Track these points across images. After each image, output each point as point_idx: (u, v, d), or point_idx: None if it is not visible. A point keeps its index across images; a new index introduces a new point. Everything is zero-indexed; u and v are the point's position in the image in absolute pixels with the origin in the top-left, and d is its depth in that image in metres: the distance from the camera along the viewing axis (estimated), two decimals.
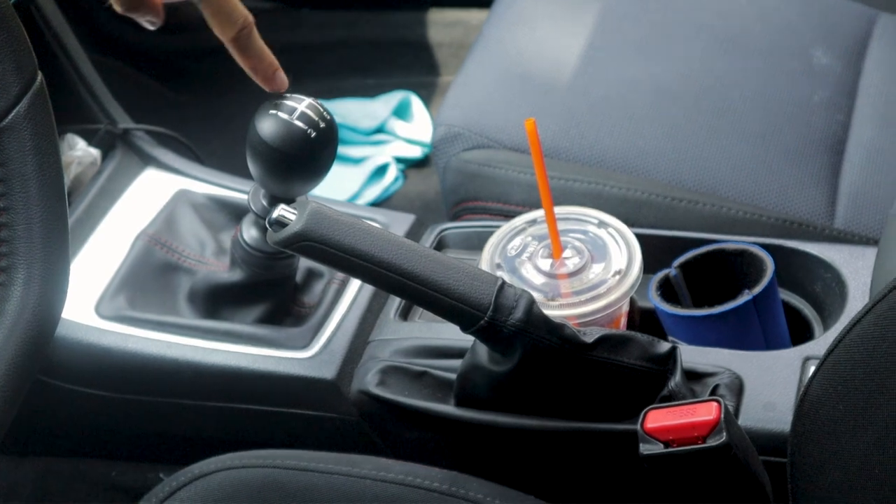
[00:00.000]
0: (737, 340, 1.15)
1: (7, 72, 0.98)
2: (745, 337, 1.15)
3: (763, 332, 1.16)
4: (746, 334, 1.15)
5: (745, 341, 1.15)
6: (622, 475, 1.06)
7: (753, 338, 1.16)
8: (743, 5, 1.64)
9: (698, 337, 1.16)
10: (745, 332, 1.15)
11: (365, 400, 1.16)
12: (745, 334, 1.15)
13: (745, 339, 1.15)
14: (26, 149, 0.99)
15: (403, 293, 0.98)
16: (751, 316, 1.15)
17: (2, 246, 0.99)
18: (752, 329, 1.15)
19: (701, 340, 1.15)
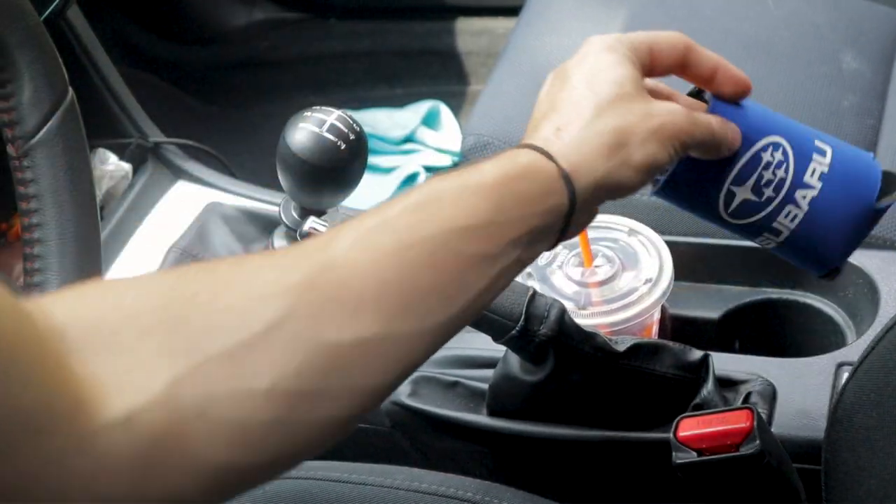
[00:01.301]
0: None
1: (38, 88, 0.99)
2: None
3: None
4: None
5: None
6: (655, 484, 1.06)
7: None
8: (770, 10, 1.63)
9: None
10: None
11: (397, 410, 1.16)
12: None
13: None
14: (58, 164, 1.00)
15: None
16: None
17: (35, 261, 0.99)
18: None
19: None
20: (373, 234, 0.68)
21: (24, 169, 1.00)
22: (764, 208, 0.84)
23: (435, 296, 0.68)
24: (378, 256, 0.67)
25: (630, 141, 0.76)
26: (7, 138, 1.00)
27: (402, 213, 0.69)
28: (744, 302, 1.24)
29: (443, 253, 0.69)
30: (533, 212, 0.72)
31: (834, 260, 0.88)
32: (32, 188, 0.99)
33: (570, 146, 0.75)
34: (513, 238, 0.71)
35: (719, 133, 0.81)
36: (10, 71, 0.98)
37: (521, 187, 0.73)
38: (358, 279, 0.66)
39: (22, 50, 0.98)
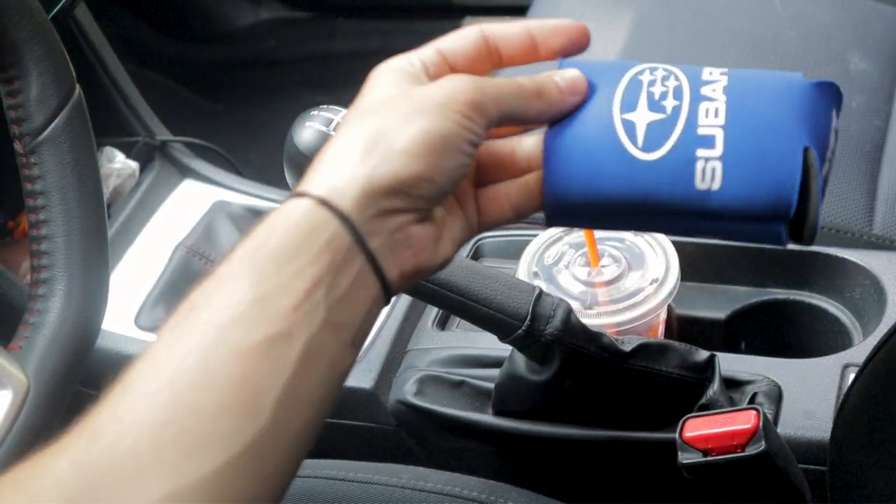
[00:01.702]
0: None
1: (46, 85, 0.99)
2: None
3: None
4: None
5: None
6: (661, 484, 1.06)
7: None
8: (778, 11, 1.63)
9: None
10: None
11: (403, 409, 1.17)
12: None
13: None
14: (65, 161, 1.00)
15: (441, 303, 0.99)
16: None
17: (42, 258, 1.00)
18: None
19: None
20: (141, 385, 0.59)
21: (31, 165, 1.00)
22: (675, 118, 0.68)
23: (227, 416, 0.58)
24: (149, 406, 0.58)
25: (387, 131, 0.64)
26: (14, 135, 1.00)
27: (165, 342, 0.60)
28: (750, 302, 1.24)
29: (217, 360, 0.59)
30: (305, 261, 0.61)
31: (799, 140, 0.68)
32: (39, 185, 1.00)
33: (325, 171, 0.65)
34: (295, 303, 0.60)
35: (532, 84, 0.69)
36: (17, 68, 0.99)
37: (275, 242, 0.62)
38: (131, 444, 0.57)
39: (30, 47, 0.98)
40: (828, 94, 0.70)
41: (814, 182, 0.67)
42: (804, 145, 0.67)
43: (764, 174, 0.67)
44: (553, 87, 0.70)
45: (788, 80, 0.70)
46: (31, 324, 0.98)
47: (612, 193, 0.69)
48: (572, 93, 0.70)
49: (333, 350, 0.62)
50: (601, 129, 0.69)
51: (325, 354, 0.61)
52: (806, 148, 0.67)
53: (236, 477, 0.58)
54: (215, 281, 0.62)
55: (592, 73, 0.71)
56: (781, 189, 0.67)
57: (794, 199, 0.67)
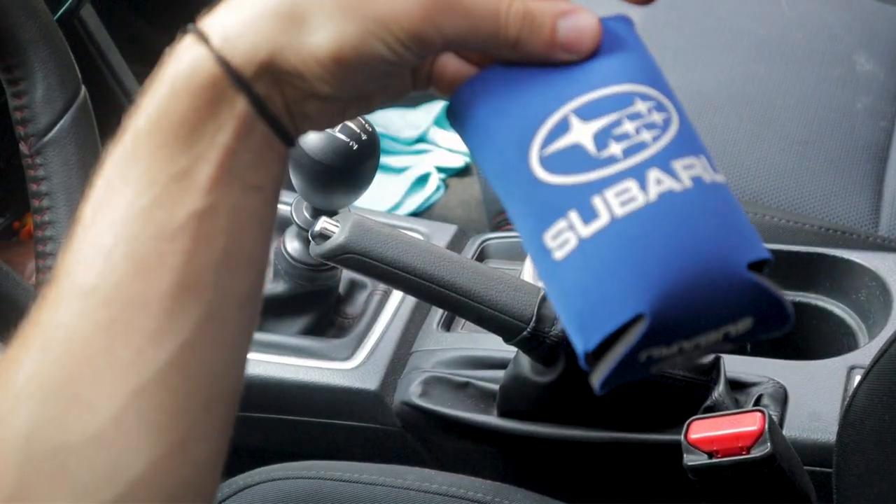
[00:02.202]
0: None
1: (51, 86, 0.99)
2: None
3: None
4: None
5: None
6: (666, 486, 1.06)
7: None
8: (784, 12, 1.63)
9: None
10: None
11: (408, 410, 1.17)
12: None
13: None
14: (71, 162, 1.00)
15: (445, 304, 0.99)
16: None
17: (47, 259, 1.00)
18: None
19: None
20: (74, 284, 0.56)
21: (36, 167, 1.00)
22: (594, 168, 0.55)
23: (171, 301, 0.56)
24: (89, 306, 0.56)
25: (307, 14, 0.55)
26: (20, 136, 1.00)
27: (88, 230, 0.57)
28: None
29: (147, 247, 0.56)
30: (213, 130, 0.56)
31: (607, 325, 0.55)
32: (44, 186, 1.00)
33: (228, 15, 0.58)
34: (213, 174, 0.56)
35: (515, 26, 0.56)
36: (23, 69, 0.99)
37: (182, 109, 0.57)
38: (82, 349, 0.56)
39: (35, 48, 0.99)
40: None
41: (620, 347, 0.55)
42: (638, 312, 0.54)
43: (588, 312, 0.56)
44: (544, 37, 0.56)
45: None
46: None
47: (490, 158, 0.58)
48: (567, 50, 0.57)
49: (257, 210, 0.58)
50: (535, 107, 0.57)
51: (251, 217, 0.58)
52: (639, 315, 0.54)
53: (194, 355, 0.57)
54: (125, 155, 0.57)
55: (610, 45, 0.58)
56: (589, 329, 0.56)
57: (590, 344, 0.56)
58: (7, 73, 0.99)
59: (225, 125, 0.56)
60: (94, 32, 1.52)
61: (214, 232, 0.56)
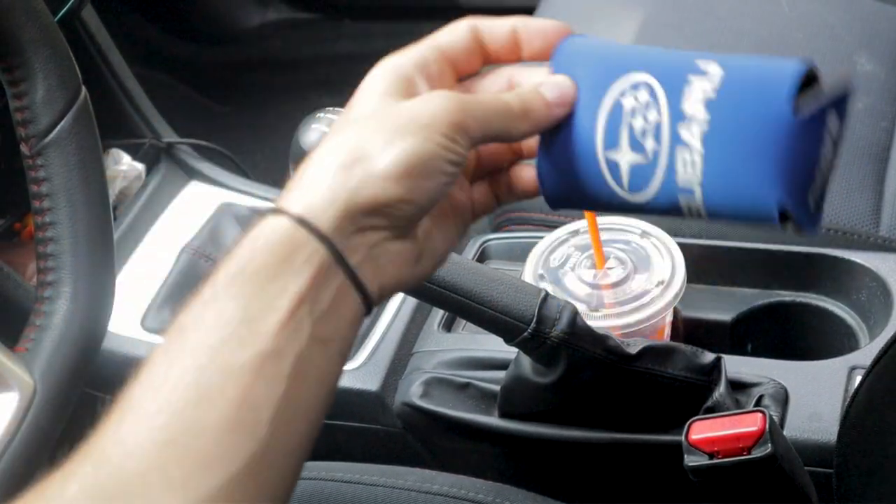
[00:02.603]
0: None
1: (52, 88, 0.99)
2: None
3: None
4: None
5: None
6: (667, 487, 1.06)
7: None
8: (785, 12, 1.63)
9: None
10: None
11: (409, 411, 1.17)
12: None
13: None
14: (71, 163, 1.00)
15: (446, 305, 0.99)
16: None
17: (48, 260, 1.00)
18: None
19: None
20: (139, 407, 0.60)
21: (37, 168, 1.00)
22: (655, 166, 0.67)
23: (227, 433, 0.60)
24: (150, 428, 0.60)
25: (367, 150, 0.64)
26: (20, 137, 1.00)
27: (159, 364, 0.62)
28: (756, 304, 1.24)
29: (211, 380, 0.60)
30: (287, 279, 0.62)
31: (774, 198, 0.67)
32: (45, 187, 1.00)
33: (304, 188, 0.65)
34: (281, 320, 0.61)
35: (519, 103, 0.68)
36: (23, 70, 0.99)
37: (258, 262, 0.63)
38: (136, 465, 0.59)
39: (35, 49, 0.99)
40: (818, 121, 0.67)
41: (799, 216, 0.68)
42: (778, 202, 0.67)
43: (743, 219, 0.68)
44: (540, 104, 0.69)
45: (777, 112, 0.65)
46: (37, 325, 0.98)
47: (605, 209, 0.71)
48: (560, 105, 0.69)
49: (321, 363, 0.63)
50: (588, 166, 0.69)
51: (314, 368, 0.63)
52: (781, 208, 0.67)
53: (240, 491, 0.60)
54: (202, 303, 0.63)
55: (580, 76, 0.70)
56: (762, 209, 0.67)
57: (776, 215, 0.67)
58: (8, 73, 0.99)
59: (301, 274, 0.62)
60: (95, 33, 1.52)
61: (277, 375, 0.61)
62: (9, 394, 0.94)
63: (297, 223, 0.63)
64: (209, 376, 0.60)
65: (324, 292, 0.63)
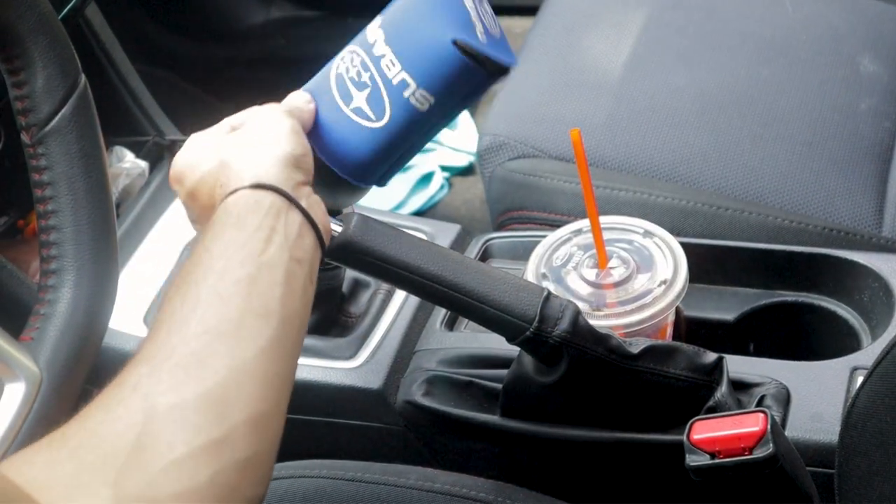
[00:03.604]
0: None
1: (52, 76, 1.00)
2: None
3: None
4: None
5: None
6: (668, 486, 1.06)
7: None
8: (788, 13, 1.63)
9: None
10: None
11: (411, 410, 1.17)
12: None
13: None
14: (72, 151, 1.00)
15: (448, 304, 0.99)
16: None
17: (51, 248, 1.00)
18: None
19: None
20: (180, 311, 0.82)
21: (38, 156, 1.00)
22: (377, 86, 0.96)
23: (251, 317, 0.81)
24: (195, 319, 0.81)
25: (264, 139, 0.95)
26: (21, 126, 1.00)
27: (187, 285, 0.83)
28: (759, 305, 1.24)
29: (226, 287, 0.82)
30: (260, 220, 0.87)
31: (447, 39, 0.93)
32: (47, 175, 1.00)
33: (240, 168, 0.91)
34: (266, 245, 0.85)
35: (309, 108, 1.00)
36: (23, 59, 0.99)
37: (236, 217, 0.87)
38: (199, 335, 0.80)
39: (34, 38, 0.99)
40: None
41: (475, 44, 0.93)
42: (452, 39, 0.93)
43: (449, 77, 0.94)
44: (309, 106, 1.00)
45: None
46: (41, 314, 0.99)
47: (380, 152, 0.96)
48: (310, 100, 1.00)
49: (301, 277, 0.86)
50: (346, 124, 0.96)
51: (297, 278, 0.86)
52: (454, 41, 0.93)
53: (268, 361, 0.81)
54: (203, 249, 0.85)
55: (315, 89, 1.00)
56: (444, 53, 0.93)
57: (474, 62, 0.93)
58: (7, 63, 0.99)
59: (269, 215, 0.88)
60: (99, 31, 1.52)
61: (274, 281, 0.84)
62: (17, 384, 0.94)
63: (254, 189, 0.88)
64: (224, 286, 0.82)
65: (291, 227, 0.88)
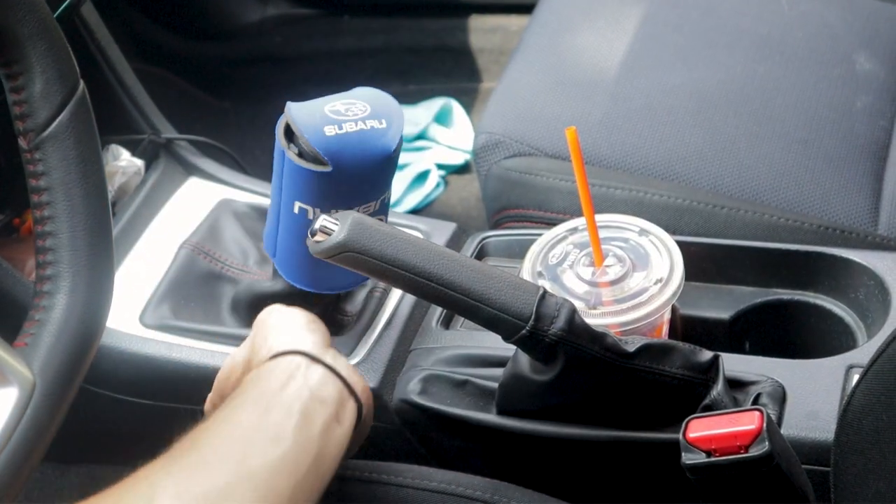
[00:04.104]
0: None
1: (50, 81, 0.99)
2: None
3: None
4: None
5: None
6: (664, 484, 1.06)
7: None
8: (784, 11, 1.63)
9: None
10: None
11: (407, 408, 1.17)
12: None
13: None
14: (70, 157, 1.00)
15: (444, 303, 0.99)
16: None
17: (47, 254, 1.00)
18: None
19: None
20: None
21: (35, 162, 1.00)
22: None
23: (261, 437, 0.90)
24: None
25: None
26: (18, 131, 1.00)
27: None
28: (754, 303, 1.24)
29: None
30: (325, 409, 0.96)
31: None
32: (44, 181, 1.00)
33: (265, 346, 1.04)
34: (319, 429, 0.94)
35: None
36: (21, 63, 0.99)
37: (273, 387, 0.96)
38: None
39: (33, 43, 0.99)
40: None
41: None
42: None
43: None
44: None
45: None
46: (36, 320, 0.98)
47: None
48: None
49: (323, 415, 0.95)
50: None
51: (317, 414, 0.94)
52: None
53: (277, 475, 0.89)
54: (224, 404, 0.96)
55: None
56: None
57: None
58: (6, 67, 0.99)
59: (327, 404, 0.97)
60: (95, 29, 1.52)
61: (288, 412, 0.94)
62: (8, 389, 0.94)
63: (273, 358, 0.99)
64: (240, 414, 0.93)
65: (312, 376, 0.98)
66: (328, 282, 1.16)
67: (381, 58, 2.25)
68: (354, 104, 1.09)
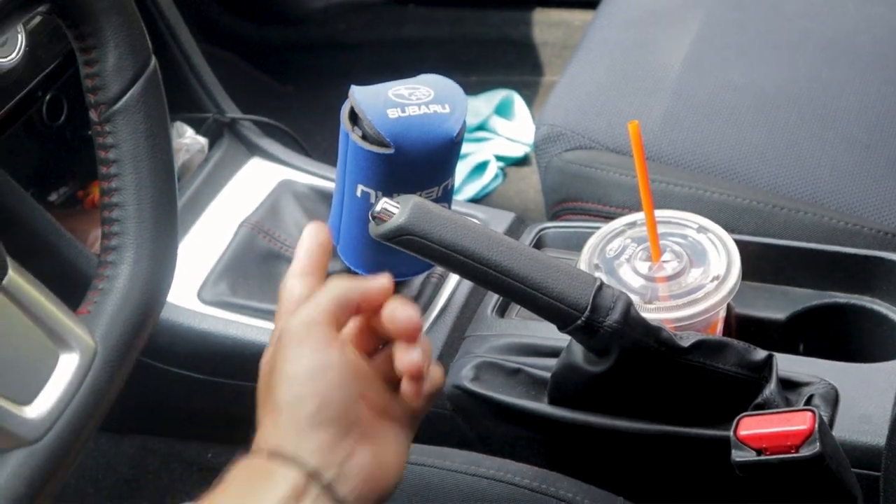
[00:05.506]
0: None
1: (123, 55, 1.01)
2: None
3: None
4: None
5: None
6: (712, 480, 1.06)
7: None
8: (850, 13, 1.62)
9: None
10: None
11: (459, 394, 1.17)
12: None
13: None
14: (139, 131, 1.02)
15: (501, 290, 0.99)
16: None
17: (113, 225, 1.01)
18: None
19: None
20: None
21: (105, 134, 1.01)
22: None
23: None
24: None
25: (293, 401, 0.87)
26: (90, 103, 1.01)
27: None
28: (810, 305, 1.24)
29: None
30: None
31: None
32: (113, 153, 1.01)
33: (264, 435, 0.86)
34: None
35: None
36: (95, 37, 1.00)
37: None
38: None
39: (108, 17, 1.00)
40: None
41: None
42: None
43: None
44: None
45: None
46: (99, 289, 1.00)
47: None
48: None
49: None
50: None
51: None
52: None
53: None
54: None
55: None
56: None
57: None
58: (80, 41, 1.00)
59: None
60: (165, 9, 1.54)
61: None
62: (70, 354, 0.96)
63: (271, 458, 0.82)
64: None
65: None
66: (389, 269, 1.15)
67: (444, 48, 2.26)
68: (418, 89, 1.10)
